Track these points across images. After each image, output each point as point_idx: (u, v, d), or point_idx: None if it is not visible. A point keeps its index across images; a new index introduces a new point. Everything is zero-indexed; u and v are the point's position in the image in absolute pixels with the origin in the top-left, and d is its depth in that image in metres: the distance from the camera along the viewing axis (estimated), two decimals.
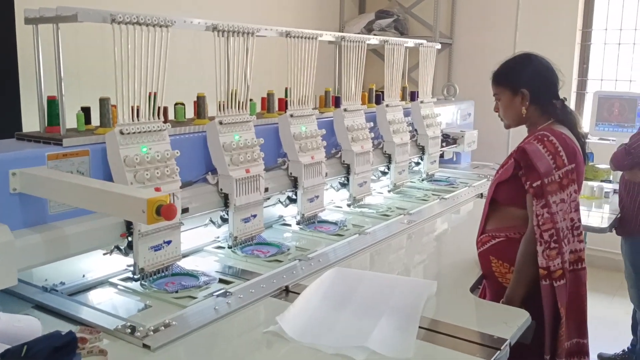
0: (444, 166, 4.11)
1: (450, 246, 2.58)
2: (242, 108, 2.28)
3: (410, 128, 3.43)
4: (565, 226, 1.92)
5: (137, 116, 1.88)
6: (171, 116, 2.31)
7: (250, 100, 2.34)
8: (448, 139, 4.02)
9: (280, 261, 2.17)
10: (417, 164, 3.68)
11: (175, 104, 2.34)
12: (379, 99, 3.39)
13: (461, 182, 3.71)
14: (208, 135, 2.23)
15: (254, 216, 2.33)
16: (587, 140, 2.11)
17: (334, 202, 3.06)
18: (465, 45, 5.45)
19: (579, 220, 2.01)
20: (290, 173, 2.58)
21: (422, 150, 3.61)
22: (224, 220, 2.30)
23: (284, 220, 2.72)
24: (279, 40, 2.52)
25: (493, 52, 5.31)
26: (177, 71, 2.37)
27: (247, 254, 2.25)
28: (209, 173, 2.22)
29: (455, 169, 4.16)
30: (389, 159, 3.26)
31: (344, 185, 2.99)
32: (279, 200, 2.63)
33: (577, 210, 2.00)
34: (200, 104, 2.37)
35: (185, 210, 2.06)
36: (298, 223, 2.63)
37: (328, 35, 2.76)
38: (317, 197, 2.68)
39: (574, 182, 1.95)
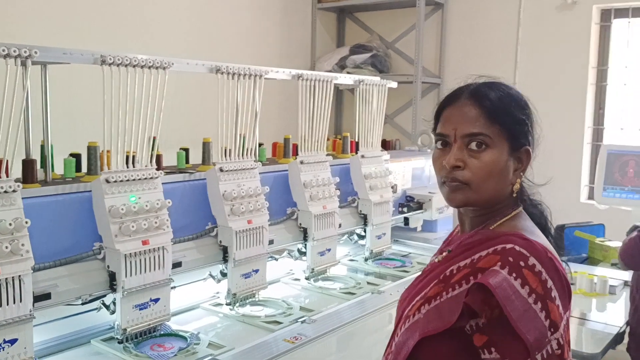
0: (414, 237, 3.23)
1: None
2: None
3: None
4: None
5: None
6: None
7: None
8: (410, 203, 3.13)
9: None
10: (361, 237, 2.80)
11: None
12: None
13: (419, 262, 2.80)
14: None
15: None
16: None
17: (217, 295, 2.21)
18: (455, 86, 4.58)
19: None
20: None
21: (364, 219, 2.73)
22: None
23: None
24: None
25: None
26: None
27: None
28: None
29: (426, 240, 3.25)
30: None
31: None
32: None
33: None
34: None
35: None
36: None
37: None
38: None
39: (570, 345, 1.03)
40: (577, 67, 4.11)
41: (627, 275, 2.57)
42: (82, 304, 1.72)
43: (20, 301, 1.46)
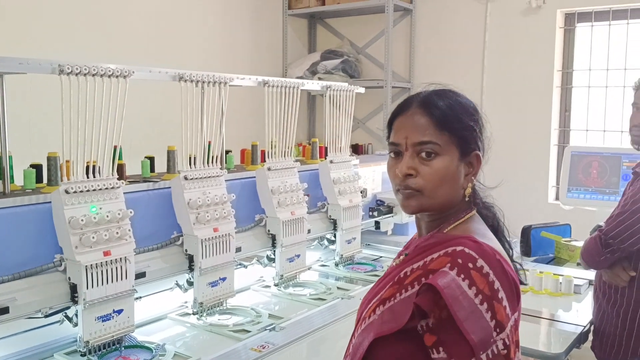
0: (385, 241, 3.24)
1: None
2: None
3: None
4: None
5: None
6: None
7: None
8: (381, 207, 3.14)
9: None
10: (331, 242, 2.80)
11: None
12: None
13: (389, 265, 2.81)
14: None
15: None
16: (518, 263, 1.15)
17: (185, 305, 2.18)
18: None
19: None
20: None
21: (334, 224, 2.73)
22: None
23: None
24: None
25: None
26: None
27: None
28: None
29: (397, 244, 3.26)
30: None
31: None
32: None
33: None
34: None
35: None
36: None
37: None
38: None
39: (518, 346, 1.06)
40: (543, 70, 4.18)
41: (592, 274, 2.62)
42: (45, 316, 1.69)
43: None
